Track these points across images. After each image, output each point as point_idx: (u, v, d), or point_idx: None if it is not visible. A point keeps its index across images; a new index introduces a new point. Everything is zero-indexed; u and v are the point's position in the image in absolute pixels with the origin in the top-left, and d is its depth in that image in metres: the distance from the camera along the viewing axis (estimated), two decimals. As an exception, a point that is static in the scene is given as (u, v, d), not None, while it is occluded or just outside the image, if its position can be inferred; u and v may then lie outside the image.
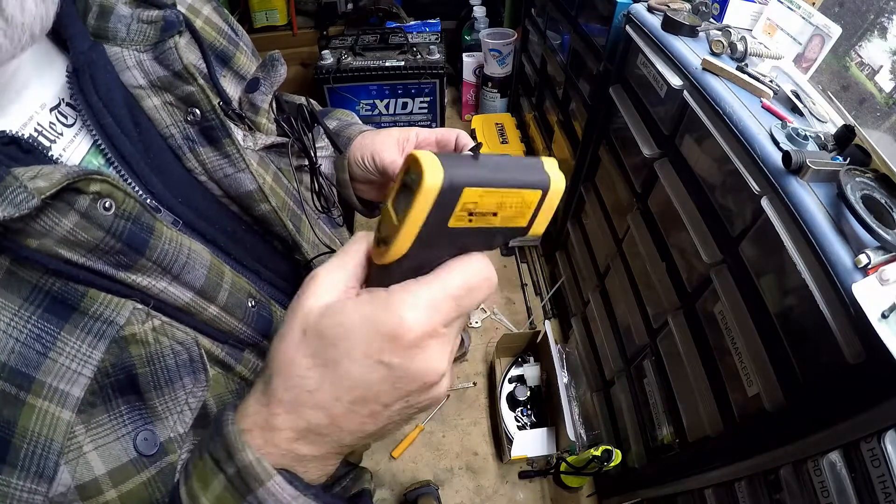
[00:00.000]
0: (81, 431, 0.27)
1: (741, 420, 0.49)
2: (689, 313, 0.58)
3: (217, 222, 0.39)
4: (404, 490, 0.85)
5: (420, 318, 0.25)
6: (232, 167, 0.39)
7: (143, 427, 0.30)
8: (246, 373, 0.38)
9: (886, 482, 0.33)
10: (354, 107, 1.37)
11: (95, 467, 0.28)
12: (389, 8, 1.53)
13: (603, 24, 0.78)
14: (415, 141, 0.56)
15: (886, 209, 0.37)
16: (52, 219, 0.25)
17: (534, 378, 0.97)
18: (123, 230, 0.28)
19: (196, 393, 0.32)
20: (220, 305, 0.35)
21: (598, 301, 0.88)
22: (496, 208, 0.26)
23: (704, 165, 0.55)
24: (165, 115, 0.37)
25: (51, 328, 0.26)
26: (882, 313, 0.32)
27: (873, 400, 0.33)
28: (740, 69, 0.52)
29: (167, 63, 0.36)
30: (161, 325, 0.31)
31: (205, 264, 0.33)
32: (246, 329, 0.37)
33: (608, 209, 0.84)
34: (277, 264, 0.45)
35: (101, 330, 0.28)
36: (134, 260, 0.29)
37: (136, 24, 0.36)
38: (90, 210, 0.27)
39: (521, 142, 1.35)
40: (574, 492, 0.88)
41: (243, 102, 0.43)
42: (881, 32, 0.46)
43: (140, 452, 0.29)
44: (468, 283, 0.27)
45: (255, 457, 0.26)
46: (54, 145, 0.31)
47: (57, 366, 0.26)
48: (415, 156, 0.25)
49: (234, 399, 0.36)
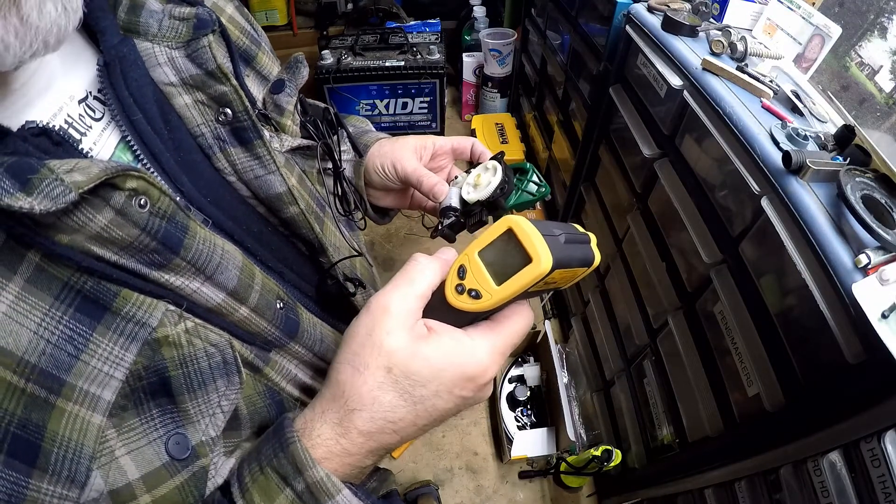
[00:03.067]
0: (113, 436, 0.27)
1: (741, 420, 0.49)
2: (689, 313, 0.58)
3: (244, 223, 0.39)
4: (404, 490, 0.85)
5: (494, 364, 0.32)
6: (262, 169, 0.39)
7: (174, 431, 0.29)
8: (273, 375, 0.38)
9: (886, 482, 0.33)
10: (354, 107, 1.37)
11: (129, 472, 0.27)
12: (389, 8, 1.53)
13: (603, 24, 0.78)
14: (432, 149, 0.56)
15: (886, 209, 0.37)
16: (87, 214, 0.24)
17: (534, 378, 0.97)
18: (159, 228, 0.27)
19: (229, 395, 0.31)
20: (251, 307, 0.34)
21: (598, 301, 0.88)
22: (560, 279, 0.31)
23: (704, 165, 0.55)
24: (196, 114, 0.36)
25: (83, 329, 0.25)
26: (882, 313, 0.32)
27: (873, 400, 0.33)
28: (740, 69, 0.52)
29: (200, 62, 0.35)
30: (194, 327, 0.30)
31: (237, 265, 0.33)
32: (274, 331, 0.37)
33: (608, 209, 0.84)
34: (301, 267, 0.44)
35: (133, 332, 0.27)
36: (168, 259, 0.28)
37: (168, 21, 0.35)
38: (126, 207, 0.26)
39: (521, 142, 1.34)
40: (574, 492, 0.88)
41: (268, 103, 0.43)
42: (881, 32, 0.46)
43: (172, 456, 0.29)
44: (524, 330, 0.33)
45: (325, 473, 0.29)
46: (85, 138, 0.30)
47: (89, 368, 0.26)
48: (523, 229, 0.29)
49: (263, 402, 0.36)
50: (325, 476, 0.29)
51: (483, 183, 0.51)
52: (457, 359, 0.30)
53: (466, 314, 0.31)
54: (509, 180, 0.51)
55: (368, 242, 1.28)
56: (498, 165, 0.52)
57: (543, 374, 0.97)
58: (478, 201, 0.51)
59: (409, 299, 0.31)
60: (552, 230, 0.30)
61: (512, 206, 0.52)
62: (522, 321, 0.33)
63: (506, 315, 0.33)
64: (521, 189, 0.53)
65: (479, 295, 0.30)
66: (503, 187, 0.50)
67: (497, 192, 0.50)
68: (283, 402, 0.38)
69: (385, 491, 0.38)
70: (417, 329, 0.31)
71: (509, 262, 0.29)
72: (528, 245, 0.28)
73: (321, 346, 0.41)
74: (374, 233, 1.29)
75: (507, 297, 0.29)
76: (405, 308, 0.31)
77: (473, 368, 0.31)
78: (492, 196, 0.50)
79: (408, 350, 0.30)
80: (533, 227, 0.28)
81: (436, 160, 0.58)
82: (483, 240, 0.30)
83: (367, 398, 0.30)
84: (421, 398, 0.30)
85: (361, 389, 0.30)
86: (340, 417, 0.30)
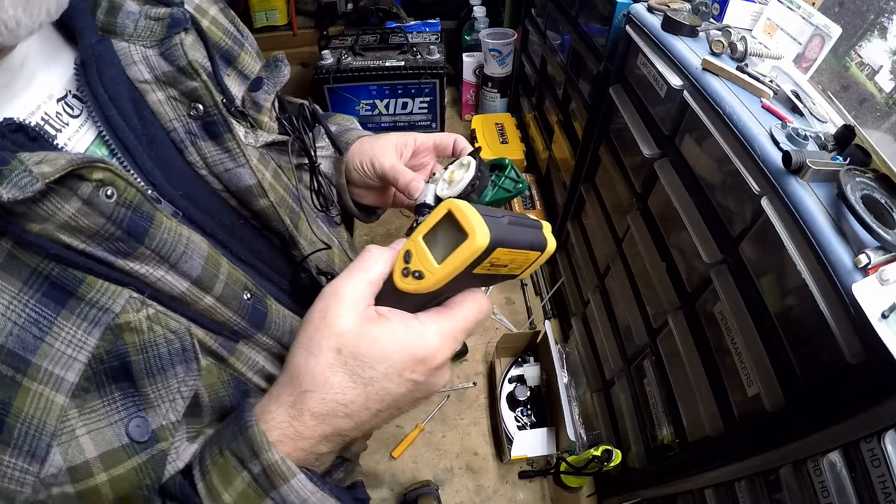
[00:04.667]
0: (75, 415, 0.28)
1: (741, 420, 0.49)
2: (689, 313, 0.58)
3: (216, 216, 0.40)
4: (404, 490, 0.85)
5: (445, 347, 0.32)
6: (232, 162, 0.40)
7: (135, 414, 0.30)
8: (239, 365, 0.38)
9: (886, 482, 0.33)
10: (354, 107, 1.37)
11: (87, 450, 0.28)
12: (389, 8, 1.53)
13: (603, 24, 0.78)
14: (413, 146, 0.57)
15: (886, 209, 0.37)
16: (55, 204, 0.26)
17: (534, 378, 0.97)
18: (124, 218, 0.29)
19: (188, 382, 0.32)
20: (216, 296, 0.35)
21: (598, 301, 0.88)
22: (509, 262, 0.32)
23: (704, 165, 0.55)
24: (169, 110, 0.38)
25: (48, 313, 0.27)
26: (882, 313, 0.32)
27: (873, 400, 0.33)
28: (740, 69, 0.52)
29: (172, 59, 0.37)
30: (155, 314, 0.31)
31: (202, 255, 0.34)
32: (240, 321, 0.37)
33: (608, 209, 0.84)
34: (274, 260, 0.45)
35: (96, 317, 0.28)
36: (133, 248, 0.30)
37: (144, 21, 0.36)
38: (92, 197, 0.27)
39: (521, 142, 1.34)
40: (574, 492, 0.88)
41: (246, 101, 0.44)
42: (881, 32, 0.46)
43: (132, 438, 0.30)
44: (477, 317, 0.34)
45: (280, 456, 0.30)
46: (60, 134, 0.32)
47: (53, 350, 0.27)
48: (461, 209, 0.30)
49: (226, 390, 0.37)
50: (279, 459, 0.30)
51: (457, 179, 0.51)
52: (405, 340, 0.31)
53: (415, 297, 0.32)
54: (483, 176, 0.51)
55: (368, 242, 1.28)
56: (472, 161, 0.52)
57: (543, 374, 0.97)
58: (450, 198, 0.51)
59: (361, 286, 0.33)
60: (495, 213, 0.31)
61: (488, 202, 0.52)
62: (474, 306, 0.34)
63: (457, 301, 0.34)
64: (497, 185, 0.53)
65: (422, 275, 0.31)
66: (475, 183, 0.50)
67: (468, 188, 0.50)
68: (249, 393, 0.39)
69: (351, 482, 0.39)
70: (368, 313, 0.32)
71: (449, 241, 0.30)
72: (465, 223, 0.29)
73: (290, 338, 0.42)
74: (375, 233, 1.29)
75: (449, 274, 0.30)
76: (357, 294, 0.32)
77: (422, 350, 0.31)
78: (463, 192, 0.50)
79: (357, 332, 0.31)
80: (471, 207, 0.29)
81: (417, 157, 0.59)
82: (426, 224, 0.32)
83: (318, 379, 0.31)
84: (370, 379, 0.31)
85: (314, 371, 0.31)
86: (294, 400, 0.31)
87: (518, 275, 0.35)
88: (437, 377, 0.33)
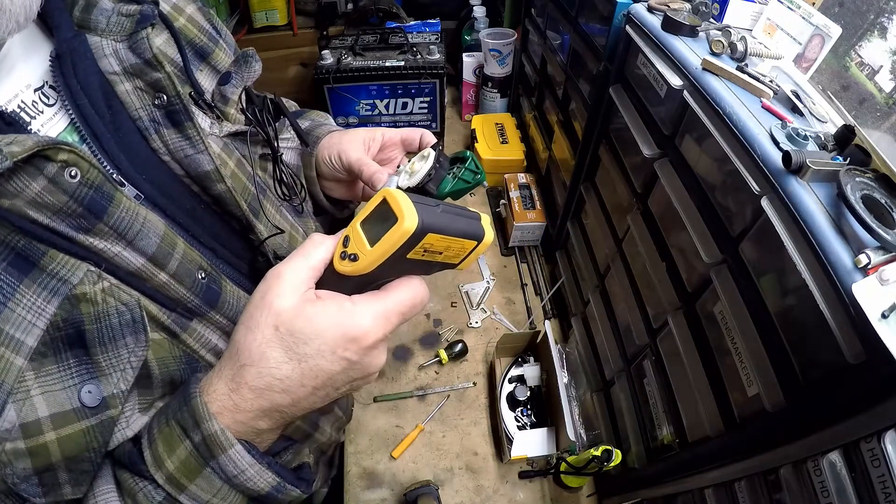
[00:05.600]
0: (31, 377, 0.30)
1: (741, 420, 0.49)
2: (689, 313, 0.58)
3: (177, 200, 0.42)
4: (404, 490, 0.85)
5: (377, 327, 0.34)
6: (192, 148, 0.42)
7: (88, 381, 0.32)
8: (191, 342, 0.40)
9: (886, 482, 0.33)
10: (354, 107, 1.37)
11: (39, 409, 0.30)
12: (389, 8, 1.53)
13: (603, 24, 0.78)
14: (380, 140, 0.61)
15: (886, 209, 0.37)
16: (23, 181, 0.28)
17: (534, 378, 0.97)
18: (85, 196, 0.31)
19: (137, 352, 0.34)
20: (170, 273, 0.37)
21: (598, 301, 0.88)
22: (443, 249, 0.34)
23: (704, 165, 0.55)
24: (135, 99, 0.40)
25: (12, 280, 0.29)
26: (882, 313, 0.32)
27: (873, 400, 0.33)
28: (740, 69, 0.52)
29: (139, 52, 0.39)
30: (110, 287, 0.33)
31: (158, 234, 0.36)
32: (194, 298, 0.39)
33: (608, 209, 0.84)
34: (233, 243, 0.47)
35: (55, 287, 0.31)
36: (93, 224, 0.32)
37: (116, 17, 0.40)
38: (57, 176, 0.29)
39: (521, 142, 1.34)
40: (574, 492, 0.88)
41: (215, 94, 0.47)
42: (881, 32, 0.46)
43: (83, 403, 0.32)
44: (412, 301, 0.36)
45: (220, 427, 0.32)
46: (34, 121, 0.34)
47: (14, 315, 0.29)
48: (393, 196, 0.31)
49: (177, 365, 0.39)
50: (219, 430, 0.32)
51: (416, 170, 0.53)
52: (338, 319, 0.33)
53: (352, 280, 0.34)
54: (441, 167, 0.53)
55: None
56: (431, 153, 0.53)
57: (543, 374, 0.97)
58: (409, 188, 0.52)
59: (302, 269, 0.35)
60: (430, 203, 0.33)
61: (447, 192, 0.54)
62: (409, 291, 0.35)
63: (393, 285, 0.36)
64: (457, 176, 0.54)
65: (357, 258, 0.33)
66: (431, 174, 0.51)
67: (426, 177, 0.51)
68: (199, 370, 0.41)
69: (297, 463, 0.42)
70: (307, 295, 0.34)
71: (382, 226, 0.32)
72: (396, 208, 0.31)
73: None
74: None
75: (381, 256, 0.32)
76: (297, 276, 0.34)
77: (354, 330, 0.33)
78: (420, 182, 0.52)
79: (294, 310, 0.33)
80: (404, 195, 0.31)
81: (385, 151, 0.61)
82: (364, 210, 0.34)
83: (255, 354, 0.33)
84: (304, 356, 0.33)
85: (251, 346, 0.33)
86: (233, 374, 0.34)
87: (457, 264, 0.37)
88: (371, 357, 0.35)
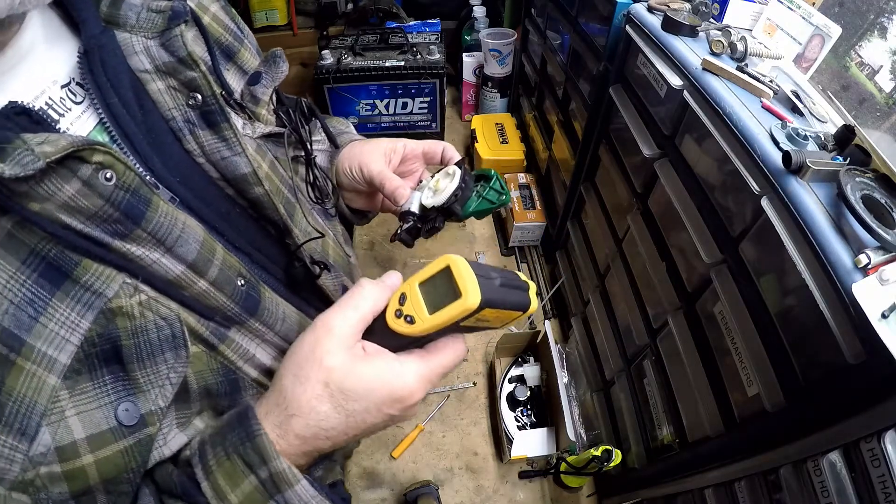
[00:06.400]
0: (65, 396, 0.28)
1: (741, 420, 0.49)
2: (689, 313, 0.58)
3: (212, 203, 0.41)
4: (404, 490, 0.85)
5: (421, 389, 0.36)
6: (228, 150, 0.41)
7: (125, 398, 0.31)
8: (230, 353, 0.39)
9: (886, 482, 0.33)
10: (354, 107, 1.37)
11: (75, 431, 0.29)
12: (389, 8, 1.53)
13: (603, 24, 0.78)
14: (402, 153, 0.58)
15: (886, 209, 0.37)
16: (56, 184, 0.26)
17: (534, 378, 0.97)
18: (122, 200, 0.29)
19: (177, 368, 0.33)
20: (210, 280, 0.36)
21: (598, 301, 0.88)
22: (493, 318, 0.35)
23: (704, 165, 0.55)
24: (168, 99, 0.39)
25: (44, 293, 0.27)
26: (882, 313, 0.32)
27: (873, 400, 0.33)
28: (740, 69, 0.52)
29: (172, 50, 0.38)
30: (147, 300, 0.32)
31: (198, 239, 0.35)
32: (234, 306, 0.38)
33: (608, 209, 0.84)
34: (269, 248, 0.46)
35: (89, 300, 0.29)
36: (130, 229, 0.30)
37: (146, 13, 0.38)
38: (92, 179, 0.28)
39: (521, 142, 1.34)
40: (574, 492, 0.88)
41: (245, 94, 0.45)
42: (881, 32, 0.46)
43: (120, 422, 0.30)
44: (454, 362, 0.37)
45: (287, 465, 0.33)
46: (62, 119, 0.32)
47: (47, 331, 0.27)
48: (458, 268, 0.32)
49: (214, 377, 0.38)
50: (286, 468, 0.33)
51: (441, 188, 0.52)
52: (387, 379, 0.35)
53: (402, 338, 0.35)
54: (466, 187, 0.52)
55: (368, 242, 1.28)
56: (457, 171, 0.52)
57: (543, 374, 0.97)
58: (433, 207, 0.51)
59: (351, 322, 0.35)
60: (489, 273, 0.34)
61: (471, 212, 0.53)
62: (453, 354, 0.37)
63: (438, 346, 0.37)
64: (481, 196, 0.53)
65: (414, 320, 0.34)
66: (458, 194, 0.51)
67: (451, 198, 0.50)
68: (238, 381, 0.40)
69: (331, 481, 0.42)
70: (355, 350, 0.35)
71: (443, 295, 0.33)
72: (461, 283, 0.32)
73: (283, 326, 0.43)
74: (375, 232, 1.29)
75: (438, 325, 0.33)
76: (346, 330, 0.35)
77: (401, 391, 0.35)
78: (446, 202, 0.51)
79: (344, 368, 0.34)
80: (469, 267, 0.32)
81: (406, 164, 0.59)
82: (425, 272, 0.35)
83: (304, 407, 0.34)
84: (352, 412, 0.34)
85: (301, 399, 0.34)
86: (281, 420, 0.34)
87: (497, 327, 0.38)
88: (411, 412, 0.37)
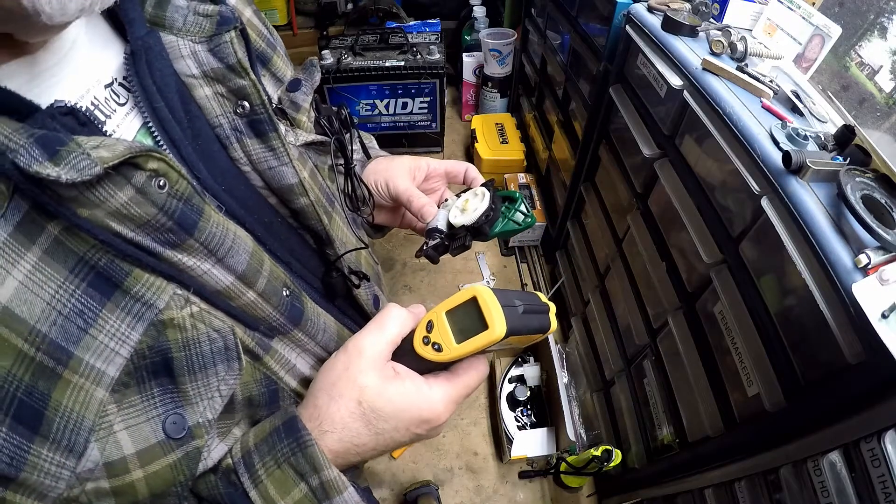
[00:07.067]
0: (113, 410, 0.28)
1: (741, 420, 0.49)
2: (689, 313, 0.58)
3: (256, 212, 0.40)
4: (404, 490, 0.85)
5: (448, 411, 0.38)
6: (276, 160, 0.40)
7: (173, 411, 0.30)
8: (272, 364, 0.39)
9: (886, 482, 0.33)
10: (354, 107, 1.37)
11: (124, 447, 0.28)
12: (389, 8, 1.53)
13: (603, 24, 0.78)
14: (425, 170, 0.59)
15: (886, 209, 0.37)
16: (109, 190, 0.26)
17: (534, 378, 0.97)
18: (175, 209, 0.29)
19: (228, 381, 0.33)
20: (258, 292, 0.36)
21: (598, 301, 0.88)
22: (516, 342, 0.37)
23: (704, 165, 0.55)
24: (216, 105, 0.38)
25: (94, 304, 0.26)
26: (882, 313, 0.32)
27: (873, 400, 0.33)
28: (740, 69, 0.52)
29: (222, 56, 0.37)
30: (199, 312, 0.31)
31: (248, 250, 0.34)
32: (279, 317, 0.38)
33: (608, 209, 0.84)
34: (308, 259, 0.46)
35: (140, 312, 0.28)
36: (182, 239, 0.30)
37: (193, 17, 0.37)
38: (146, 186, 0.27)
39: (521, 142, 1.34)
40: (574, 492, 0.88)
41: (284, 101, 0.45)
42: (881, 32, 0.46)
43: (168, 435, 0.30)
44: (478, 383, 0.40)
45: (337, 473, 0.35)
46: (109, 121, 0.32)
47: (96, 343, 0.26)
48: (485, 300, 0.34)
49: (256, 387, 0.38)
50: (336, 476, 0.34)
51: (470, 208, 0.53)
52: (416, 402, 0.37)
53: (429, 362, 0.37)
54: (496, 208, 0.53)
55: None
56: (486, 192, 0.53)
57: (543, 374, 0.97)
58: (463, 226, 0.52)
59: (381, 344, 0.38)
60: (513, 301, 0.35)
61: (497, 233, 0.54)
62: (477, 375, 0.39)
63: (464, 368, 0.39)
64: (507, 217, 0.53)
65: (441, 349, 0.36)
66: (488, 214, 0.52)
67: (482, 218, 0.51)
68: (279, 392, 0.40)
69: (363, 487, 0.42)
70: (386, 371, 0.37)
71: (470, 325, 0.35)
72: (488, 315, 0.34)
73: (323, 336, 0.43)
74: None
75: (464, 354, 0.35)
76: (377, 351, 0.37)
77: (429, 413, 0.37)
78: (477, 222, 0.51)
79: (376, 389, 0.36)
80: (495, 298, 0.34)
81: (429, 182, 0.60)
82: (451, 301, 0.36)
83: (338, 423, 0.36)
84: (382, 430, 0.36)
85: (335, 416, 0.36)
86: (315, 436, 0.35)
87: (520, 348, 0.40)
88: (436, 431, 0.39)
